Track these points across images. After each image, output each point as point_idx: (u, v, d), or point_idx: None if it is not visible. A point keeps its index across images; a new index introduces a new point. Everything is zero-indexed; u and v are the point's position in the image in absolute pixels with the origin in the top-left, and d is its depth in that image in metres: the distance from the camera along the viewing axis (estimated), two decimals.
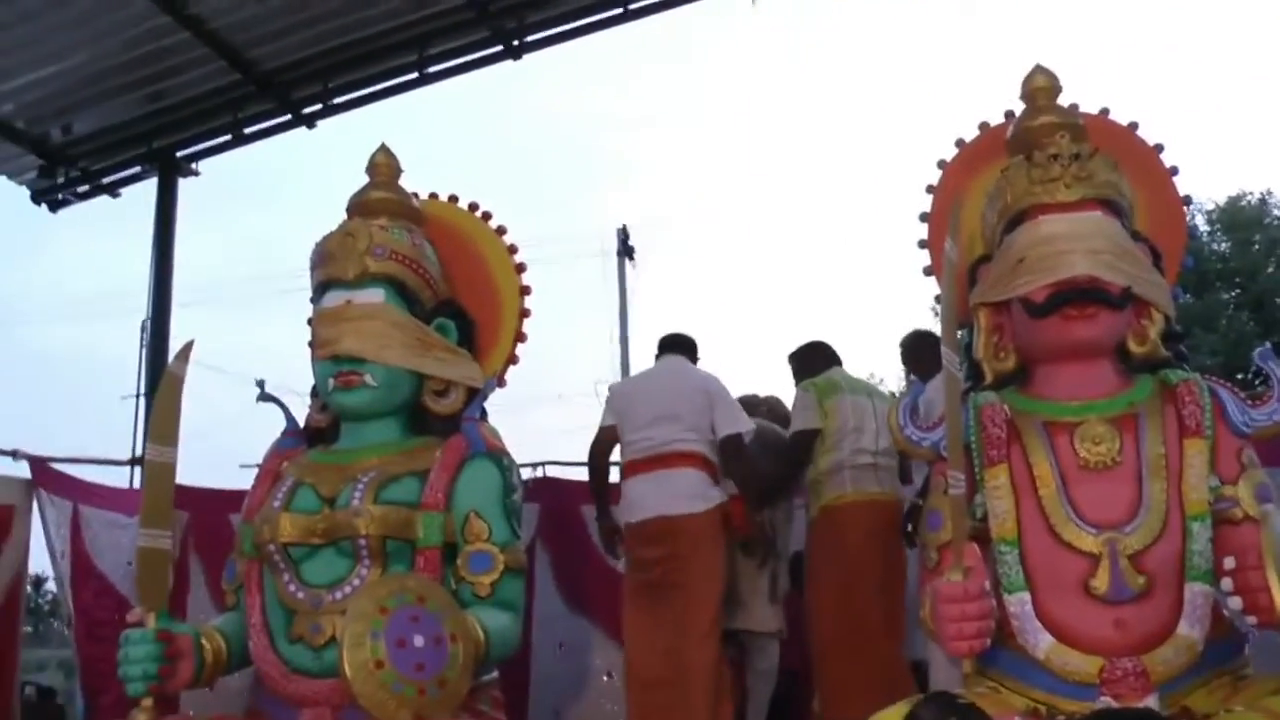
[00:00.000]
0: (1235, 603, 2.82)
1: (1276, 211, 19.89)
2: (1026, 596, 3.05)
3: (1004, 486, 3.16)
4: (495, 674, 3.68)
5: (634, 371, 15.30)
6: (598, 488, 5.46)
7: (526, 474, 6.30)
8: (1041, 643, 3.01)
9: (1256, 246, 19.22)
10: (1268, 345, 3.46)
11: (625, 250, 16.07)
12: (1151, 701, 2.89)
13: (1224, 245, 19.64)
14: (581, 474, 6.59)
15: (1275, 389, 3.29)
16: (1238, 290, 18.82)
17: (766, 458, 5.32)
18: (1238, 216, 19.75)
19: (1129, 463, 3.15)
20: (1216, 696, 2.92)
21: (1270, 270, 18.78)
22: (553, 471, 6.64)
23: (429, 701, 3.05)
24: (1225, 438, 3.20)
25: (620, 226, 16.24)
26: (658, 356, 5.42)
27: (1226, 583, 2.84)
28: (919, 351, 5.32)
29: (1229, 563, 2.85)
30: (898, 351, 5.62)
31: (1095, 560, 3.03)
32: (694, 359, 5.37)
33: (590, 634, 6.19)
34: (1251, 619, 2.79)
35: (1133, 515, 3.07)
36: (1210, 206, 19.95)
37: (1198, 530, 3.05)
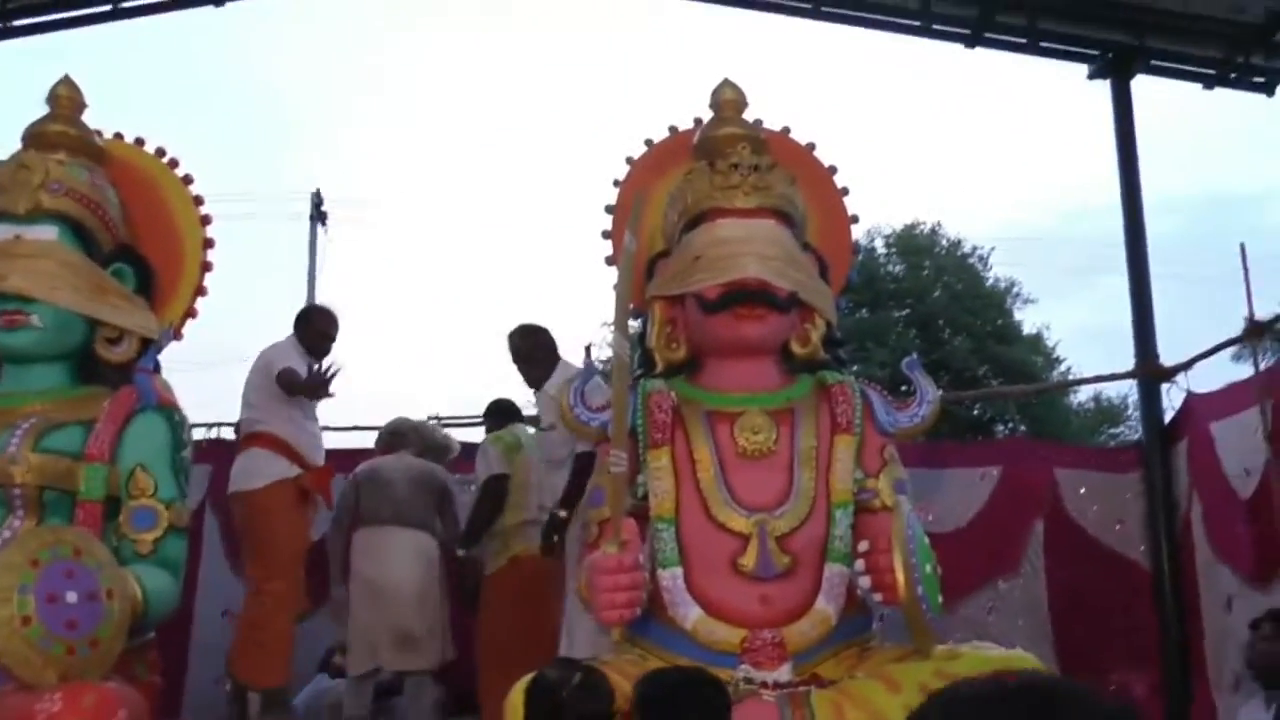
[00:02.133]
0: (865, 581, 3.13)
1: (944, 242, 21.53)
2: (679, 571, 3.27)
3: (665, 468, 3.37)
4: (152, 635, 3.56)
5: None
6: None
7: (200, 434, 6.09)
8: (690, 615, 3.23)
9: (926, 271, 20.74)
10: (915, 356, 3.82)
11: (318, 215, 15.61)
12: (786, 669, 3.16)
13: (898, 267, 21.07)
14: None
15: (919, 395, 3.66)
16: (908, 310, 20.22)
17: (413, 489, 5.44)
18: (911, 243, 21.24)
19: (783, 452, 3.42)
20: (844, 665, 3.22)
21: (936, 294, 20.26)
22: (228, 434, 6.42)
23: (79, 661, 2.93)
24: (871, 435, 3.53)
25: (314, 190, 15.87)
26: None
27: (859, 563, 3.14)
28: (529, 344, 5.37)
29: (863, 545, 3.16)
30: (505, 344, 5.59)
31: (745, 540, 3.28)
32: (302, 330, 5.28)
33: None
34: (878, 596, 3.11)
35: (783, 500, 3.35)
36: (888, 231, 21.38)
37: (840, 516, 3.36)
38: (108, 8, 7.30)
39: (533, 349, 5.07)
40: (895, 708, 2.83)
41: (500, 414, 5.70)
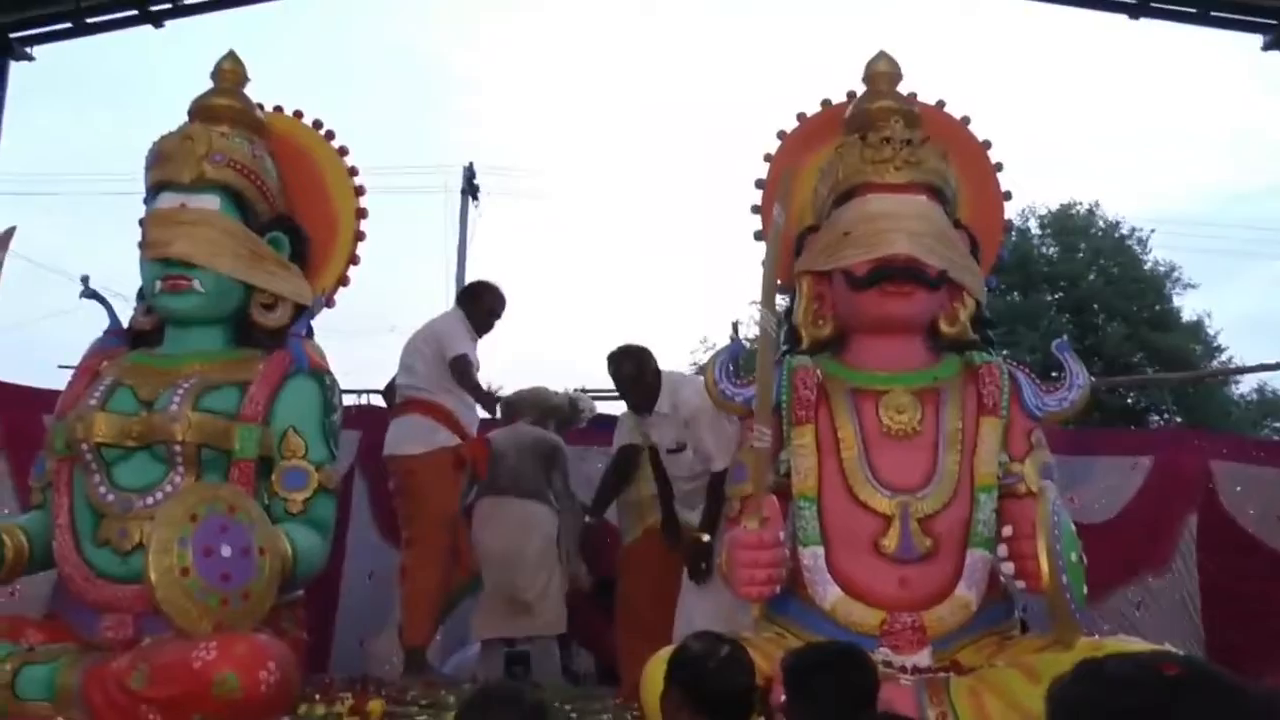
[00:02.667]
0: (1008, 568, 3.06)
1: (1102, 223, 20.78)
2: (820, 550, 3.24)
3: (809, 445, 3.33)
4: (300, 593, 3.68)
5: None
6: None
7: (350, 401, 6.24)
8: (829, 594, 3.20)
9: (1081, 254, 20.04)
10: (1065, 338, 3.71)
11: (470, 189, 15.80)
12: (925, 654, 3.11)
13: (1052, 250, 20.43)
14: None
15: (1069, 378, 3.54)
16: (1060, 293, 19.60)
17: (524, 458, 5.46)
18: (1067, 223, 20.56)
19: (928, 433, 3.36)
20: (984, 653, 3.15)
21: (1091, 277, 19.59)
22: (378, 401, 6.57)
23: (232, 612, 3.05)
24: (1018, 418, 3.44)
25: (467, 164, 16.07)
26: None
27: (1002, 549, 3.08)
28: (644, 367, 5.29)
29: (1006, 531, 3.09)
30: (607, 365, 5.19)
31: (887, 521, 3.23)
32: (471, 307, 5.36)
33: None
34: (1021, 584, 3.04)
35: (927, 482, 3.29)
36: (1043, 211, 20.73)
37: (984, 500, 3.28)
38: None
39: (643, 373, 4.82)
40: (1035, 698, 2.73)
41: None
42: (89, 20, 7.92)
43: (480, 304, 5.37)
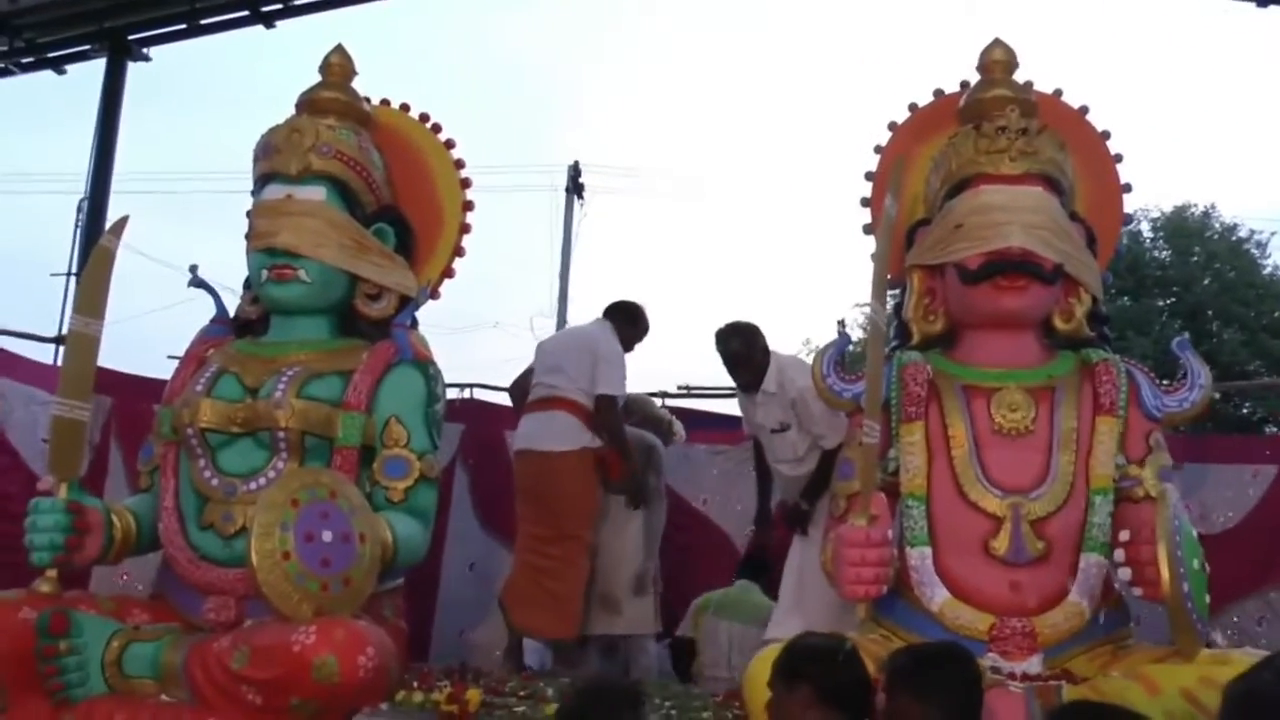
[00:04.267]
0: (1125, 574, 2.93)
1: (1218, 226, 20.18)
2: (928, 551, 3.14)
3: (918, 443, 3.24)
4: (400, 581, 3.70)
5: (570, 309, 15.37)
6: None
7: (454, 394, 6.29)
8: (937, 596, 3.10)
9: (1195, 258, 19.49)
10: (1186, 335, 3.57)
11: (575, 188, 15.91)
12: (1035, 662, 2.99)
13: (1165, 253, 19.90)
14: (507, 399, 6.62)
15: (1189, 378, 3.40)
16: (1173, 299, 19.09)
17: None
18: (1181, 227, 19.99)
19: (1042, 432, 3.24)
20: (1097, 663, 3.03)
21: (1206, 282, 19.05)
22: (480, 395, 6.63)
23: (332, 598, 3.06)
24: (1137, 419, 3.31)
25: (572, 163, 16.23)
26: (597, 318, 5.57)
27: (1119, 554, 2.95)
28: (751, 344, 5.25)
29: (1124, 535, 2.96)
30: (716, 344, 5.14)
31: (998, 522, 3.12)
32: (623, 324, 5.46)
33: (502, 557, 6.15)
34: (1139, 591, 2.91)
35: (1040, 483, 3.17)
36: (1156, 214, 20.20)
37: (1100, 504, 3.16)
38: None
39: (751, 351, 4.85)
40: (1154, 711, 2.63)
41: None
42: (203, 21, 8.12)
43: (638, 327, 5.49)
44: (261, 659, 2.94)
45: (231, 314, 4.04)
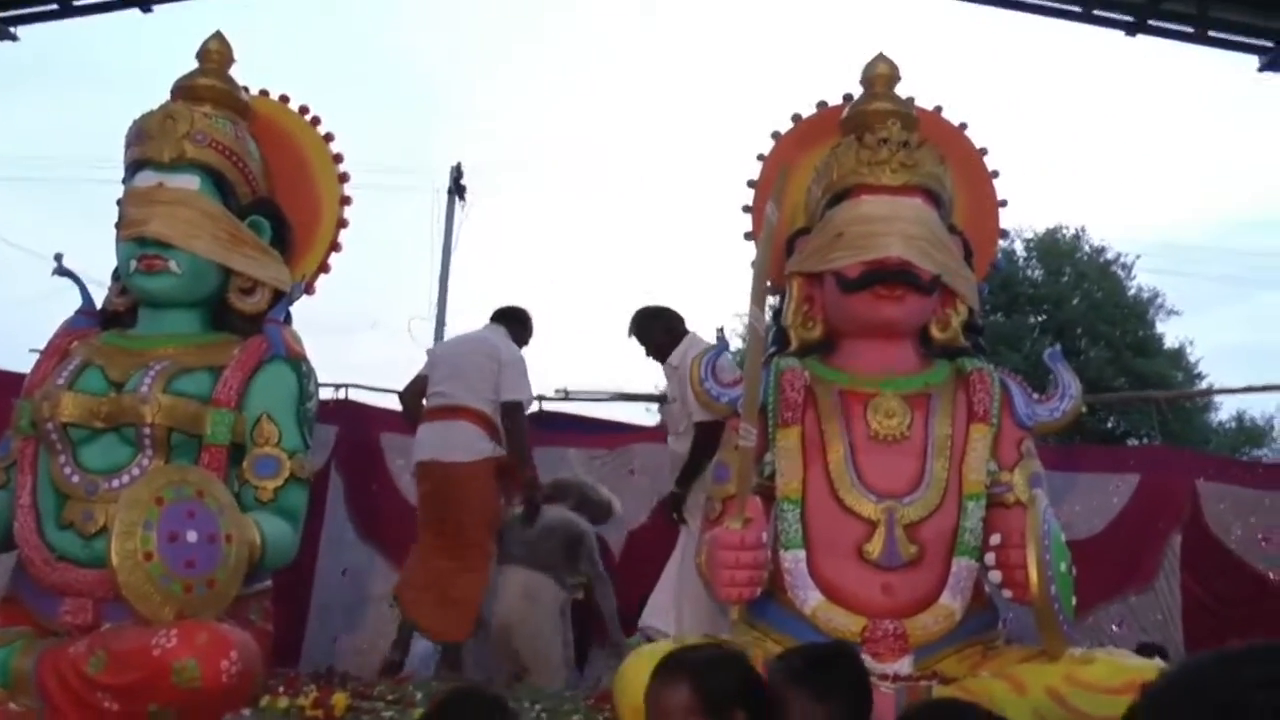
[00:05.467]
0: (996, 577, 3.00)
1: (1088, 248, 20.85)
2: (802, 554, 3.17)
3: (794, 448, 3.26)
4: (268, 583, 3.58)
5: (449, 312, 15.25)
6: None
7: (329, 394, 6.17)
8: (810, 599, 3.12)
9: (1066, 277, 20.12)
10: (1057, 347, 3.66)
11: (457, 189, 15.66)
12: (906, 663, 3.04)
13: (1037, 272, 20.50)
14: (383, 401, 6.52)
15: (1060, 389, 3.48)
16: (1045, 316, 19.66)
17: (546, 535, 5.49)
18: (1053, 247, 20.62)
19: (917, 439, 3.29)
20: (967, 663, 3.08)
21: (1075, 301, 19.65)
22: (356, 396, 6.50)
23: (195, 600, 2.96)
24: (1009, 427, 3.38)
25: (455, 164, 15.96)
26: (487, 324, 5.57)
27: (990, 558, 3.01)
28: (645, 328, 5.37)
29: (995, 539, 3.04)
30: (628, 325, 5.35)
31: (873, 526, 3.16)
32: (516, 329, 5.52)
33: (376, 562, 6.07)
34: (1009, 593, 2.98)
35: (914, 488, 3.22)
36: (1029, 234, 20.80)
37: (972, 509, 3.22)
38: None
39: (642, 330, 5.12)
40: (1022, 710, 2.70)
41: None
42: (76, 2, 7.83)
43: (527, 330, 5.56)
44: (119, 664, 2.83)
45: (99, 305, 3.89)
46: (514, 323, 5.51)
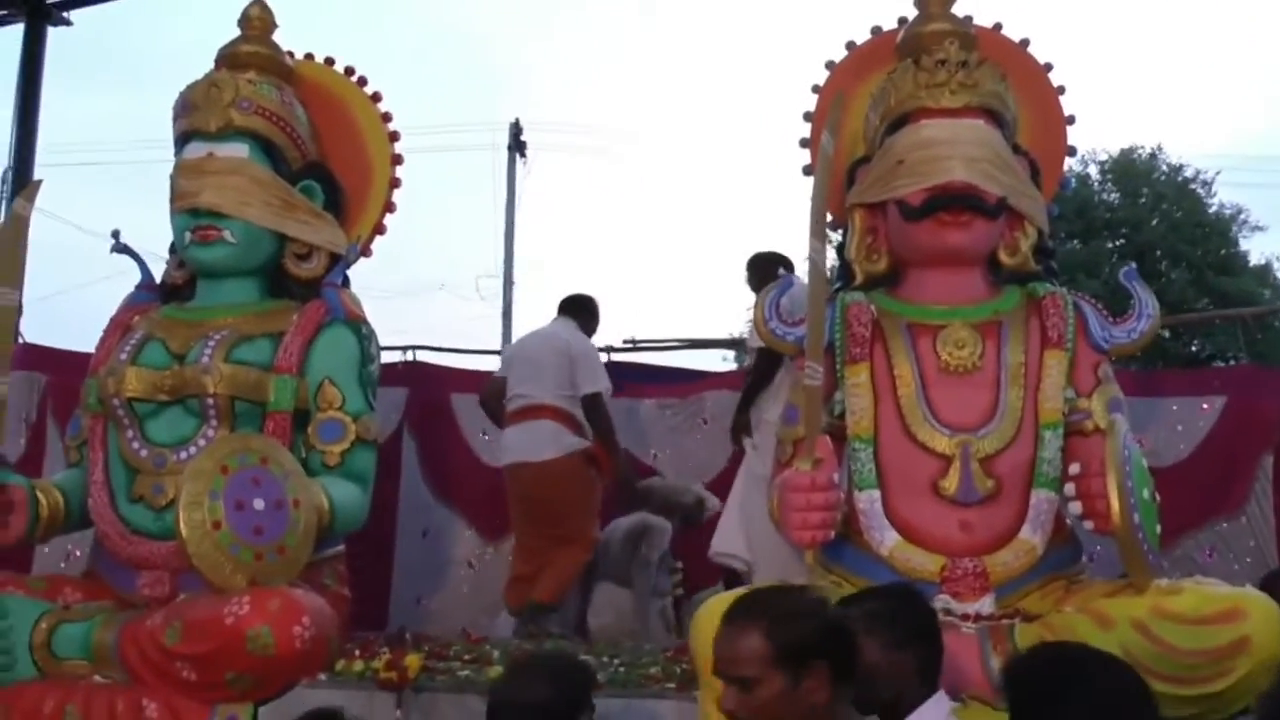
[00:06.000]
0: (1076, 508, 2.89)
1: (1165, 167, 20.27)
2: (876, 494, 3.08)
3: (864, 384, 3.17)
4: (341, 548, 3.59)
5: (517, 269, 15.30)
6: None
7: (396, 357, 6.17)
8: (887, 540, 3.04)
9: (1143, 200, 19.59)
10: (1133, 266, 3.51)
11: (517, 145, 15.58)
12: (988, 601, 2.95)
13: (1113, 196, 20.00)
14: (452, 360, 6.52)
15: (1137, 308, 3.35)
16: (1123, 240, 19.19)
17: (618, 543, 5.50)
18: (1128, 169, 20.06)
19: (989, 368, 3.18)
20: (1050, 600, 2.99)
21: (1154, 223, 19.14)
22: (424, 357, 6.48)
23: (266, 567, 2.97)
24: (1085, 352, 3.25)
25: (513, 120, 15.87)
26: (555, 317, 5.64)
27: (1069, 488, 2.91)
28: (764, 271, 5.32)
29: (1074, 469, 2.93)
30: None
31: (947, 461, 3.06)
32: (584, 319, 5.56)
33: (454, 523, 6.07)
34: (1090, 524, 2.87)
35: (988, 420, 3.12)
36: (1103, 157, 20.26)
37: (1049, 439, 3.11)
38: None
39: (768, 278, 4.96)
40: (1109, 644, 2.59)
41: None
42: None
43: (595, 319, 5.59)
44: (194, 633, 2.86)
45: (159, 280, 3.90)
46: (582, 313, 5.54)
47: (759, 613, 2.07)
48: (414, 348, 6.41)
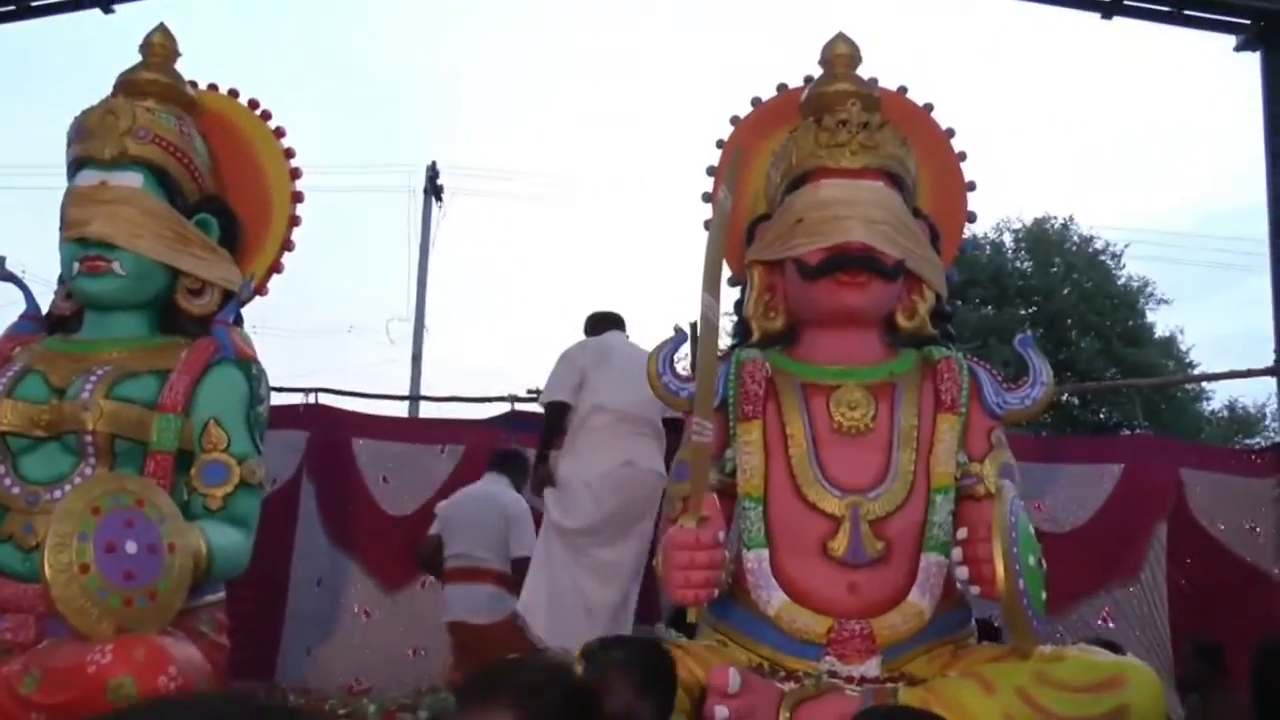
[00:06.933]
0: (963, 572, 2.88)
1: (1076, 238, 20.78)
2: (765, 554, 3.05)
3: (755, 442, 3.15)
4: (221, 594, 3.46)
5: (429, 314, 15.31)
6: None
7: (298, 399, 6.06)
8: (774, 600, 3.01)
9: (1055, 269, 20.08)
10: (1028, 333, 3.54)
11: (433, 189, 15.57)
12: (874, 664, 2.92)
13: (1026, 264, 20.45)
14: (354, 405, 6.45)
15: (1031, 375, 3.37)
16: (1034, 308, 19.62)
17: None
18: (1041, 238, 20.58)
19: (882, 430, 3.18)
20: (937, 664, 2.97)
21: (1065, 292, 19.59)
22: (326, 400, 6.37)
23: (136, 613, 2.84)
24: (978, 416, 3.26)
25: (430, 163, 15.91)
26: (487, 473, 5.79)
27: (956, 552, 2.90)
28: (594, 330, 5.35)
29: (961, 533, 2.92)
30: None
31: (837, 522, 3.04)
32: (516, 476, 5.70)
33: (350, 571, 5.97)
34: (976, 589, 2.86)
35: (879, 481, 3.10)
36: (1017, 225, 20.76)
37: (940, 502, 3.10)
38: None
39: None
40: (989, 710, 2.59)
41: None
42: (34, 3, 7.69)
43: (525, 471, 5.62)
44: (53, 683, 2.71)
45: (45, 310, 3.77)
46: (512, 469, 5.75)
47: (503, 690, 1.98)
48: (316, 390, 6.29)
